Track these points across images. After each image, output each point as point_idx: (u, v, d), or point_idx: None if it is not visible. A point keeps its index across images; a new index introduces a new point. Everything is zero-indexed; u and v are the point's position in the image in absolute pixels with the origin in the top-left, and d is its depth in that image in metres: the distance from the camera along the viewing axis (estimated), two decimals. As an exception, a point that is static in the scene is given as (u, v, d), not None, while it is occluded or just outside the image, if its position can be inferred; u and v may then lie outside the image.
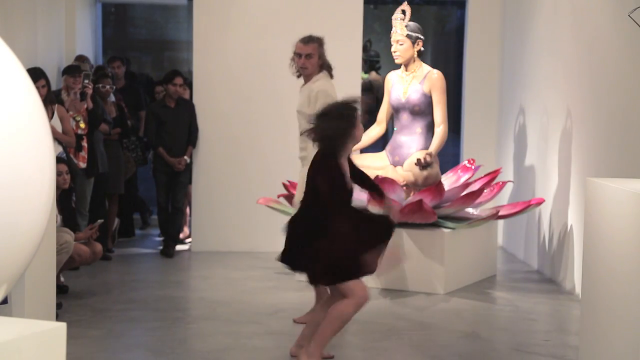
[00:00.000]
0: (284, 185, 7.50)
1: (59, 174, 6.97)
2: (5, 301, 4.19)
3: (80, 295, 6.70)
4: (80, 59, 8.81)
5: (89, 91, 7.61)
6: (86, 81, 7.60)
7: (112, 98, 8.79)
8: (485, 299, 6.90)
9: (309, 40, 6.06)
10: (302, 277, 5.13)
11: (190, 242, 8.98)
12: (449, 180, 7.70)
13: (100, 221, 7.00)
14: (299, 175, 6.07)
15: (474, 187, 7.38)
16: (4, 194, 2.25)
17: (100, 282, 7.24)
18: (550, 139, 7.69)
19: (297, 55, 6.06)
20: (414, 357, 5.28)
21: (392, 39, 7.13)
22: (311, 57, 6.02)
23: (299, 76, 6.18)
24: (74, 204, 7.23)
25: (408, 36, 7.06)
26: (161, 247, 8.62)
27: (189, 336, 5.66)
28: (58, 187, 6.94)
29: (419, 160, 6.94)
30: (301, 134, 5.43)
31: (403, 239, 6.94)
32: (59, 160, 7.16)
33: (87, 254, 6.65)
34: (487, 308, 6.65)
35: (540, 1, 8.26)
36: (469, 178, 7.68)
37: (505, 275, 7.84)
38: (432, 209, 6.83)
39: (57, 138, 7.04)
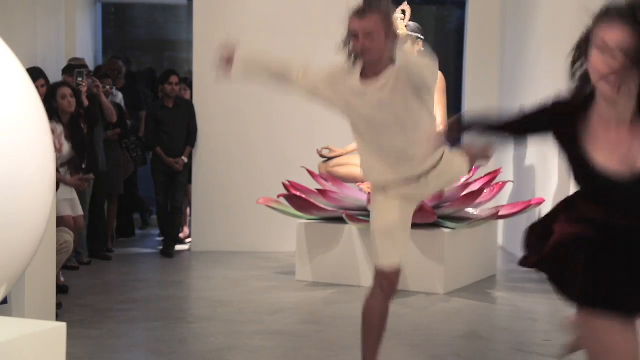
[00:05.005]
0: (284, 185, 7.50)
1: (62, 97, 6.88)
2: (5, 301, 4.19)
3: (80, 295, 6.70)
4: (74, 61, 8.78)
5: (83, 89, 7.56)
6: (79, 79, 7.56)
7: (120, 96, 8.82)
8: (485, 299, 6.89)
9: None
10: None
11: (190, 242, 8.98)
12: (449, 181, 7.70)
13: (91, 175, 6.87)
14: None
15: (474, 187, 7.38)
16: (4, 194, 2.25)
17: (100, 282, 7.24)
18: (550, 139, 7.68)
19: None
20: (414, 357, 5.28)
21: (392, 39, 7.12)
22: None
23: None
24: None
25: (408, 36, 7.06)
26: (161, 247, 8.62)
27: (189, 336, 5.66)
28: (65, 111, 6.87)
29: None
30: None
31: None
32: (61, 84, 7.07)
33: (71, 226, 6.47)
34: (487, 308, 6.65)
35: (540, 1, 8.26)
36: (469, 178, 7.68)
37: (505, 275, 7.83)
38: (432, 209, 6.83)
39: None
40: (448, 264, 6.97)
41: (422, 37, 7.14)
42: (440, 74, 7.16)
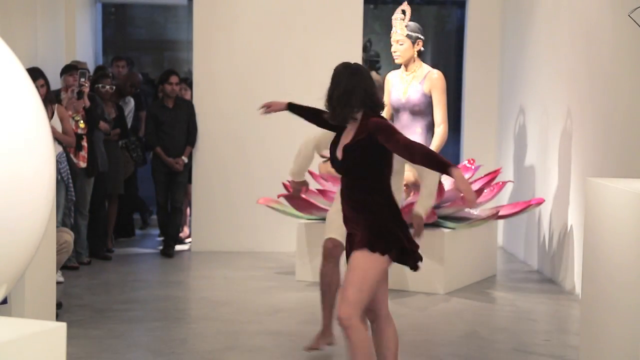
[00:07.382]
0: (285, 185, 7.50)
1: None
2: (5, 301, 4.19)
3: (80, 295, 6.70)
4: (74, 63, 8.76)
5: (86, 89, 7.57)
6: (82, 79, 7.57)
7: (132, 103, 8.87)
8: (485, 299, 6.89)
9: None
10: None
11: (190, 242, 8.98)
12: (449, 180, 7.70)
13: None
14: None
15: (474, 187, 7.38)
16: (4, 194, 2.25)
17: (100, 282, 7.24)
18: (550, 139, 7.69)
19: None
20: (414, 357, 5.28)
21: (392, 39, 7.13)
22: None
23: None
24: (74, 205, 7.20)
25: (408, 36, 7.05)
26: (161, 247, 8.62)
27: (189, 336, 5.66)
28: None
29: (419, 160, 6.94)
30: None
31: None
32: None
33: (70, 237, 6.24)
34: (487, 308, 6.65)
35: (540, 1, 8.26)
36: (469, 178, 7.68)
37: (505, 275, 7.84)
38: (432, 209, 6.82)
39: (57, 138, 7.03)
40: (448, 264, 6.97)
41: (422, 37, 7.14)
42: (440, 73, 7.16)
